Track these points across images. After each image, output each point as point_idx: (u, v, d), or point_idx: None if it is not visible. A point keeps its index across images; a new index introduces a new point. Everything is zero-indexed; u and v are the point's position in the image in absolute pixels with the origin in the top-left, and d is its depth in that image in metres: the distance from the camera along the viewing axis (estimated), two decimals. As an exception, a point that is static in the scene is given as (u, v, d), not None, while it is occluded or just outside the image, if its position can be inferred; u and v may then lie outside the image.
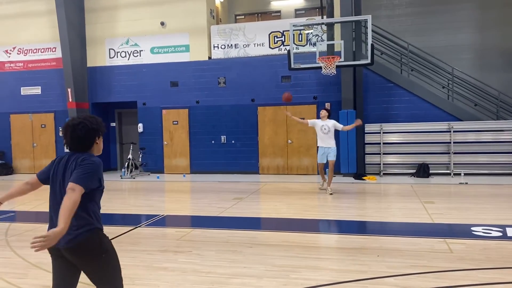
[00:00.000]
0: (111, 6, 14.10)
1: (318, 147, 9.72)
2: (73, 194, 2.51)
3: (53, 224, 2.68)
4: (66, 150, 2.81)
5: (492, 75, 13.51)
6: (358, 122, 9.54)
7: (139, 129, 14.12)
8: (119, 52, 14.22)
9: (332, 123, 9.47)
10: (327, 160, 9.50)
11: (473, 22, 14.08)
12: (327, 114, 9.57)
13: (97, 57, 14.37)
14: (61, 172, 2.77)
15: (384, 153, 12.23)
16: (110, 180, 12.86)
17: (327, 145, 9.41)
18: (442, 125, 11.92)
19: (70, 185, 2.55)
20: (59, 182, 2.76)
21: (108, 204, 9.06)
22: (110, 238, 6.55)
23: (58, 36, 13.77)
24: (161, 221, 7.27)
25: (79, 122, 2.82)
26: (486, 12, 13.94)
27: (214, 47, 13.50)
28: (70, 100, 13.79)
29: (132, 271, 4.67)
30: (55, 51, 14.57)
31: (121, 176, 13.18)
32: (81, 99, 14.04)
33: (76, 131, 2.80)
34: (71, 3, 13.66)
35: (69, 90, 13.74)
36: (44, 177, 2.87)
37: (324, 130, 9.39)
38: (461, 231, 6.15)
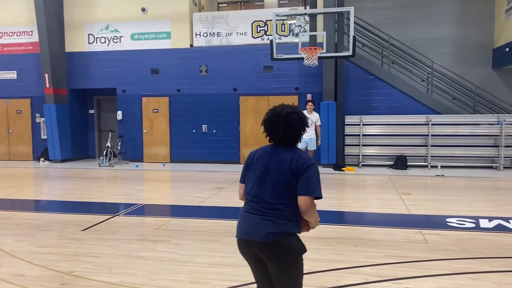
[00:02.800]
0: (91, -10, 13.76)
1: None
2: (313, 209, 2.51)
3: (259, 202, 2.56)
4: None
5: (470, 69, 13.73)
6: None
7: (118, 117, 13.91)
8: (98, 37, 13.92)
9: (316, 118, 9.89)
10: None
11: (454, 16, 14.25)
12: (313, 106, 9.91)
13: (75, 42, 14.04)
14: (275, 164, 2.54)
15: (363, 145, 12.36)
16: (88, 168, 12.72)
17: (307, 136, 9.61)
18: (420, 118, 12.10)
19: (307, 201, 2.45)
20: (271, 173, 2.54)
21: (86, 193, 8.95)
22: (87, 226, 6.44)
23: (35, 19, 13.39)
24: (140, 210, 7.21)
25: (292, 112, 2.54)
26: (467, 7, 14.11)
27: (196, 34, 13.35)
28: (48, 85, 13.46)
29: (109, 259, 4.64)
30: (31, 35, 14.16)
31: (99, 164, 13.00)
32: (58, 85, 13.72)
33: (291, 122, 2.52)
34: (48, -14, 13.27)
35: (46, 75, 13.41)
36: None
37: (309, 123, 9.52)
38: (437, 222, 6.28)
